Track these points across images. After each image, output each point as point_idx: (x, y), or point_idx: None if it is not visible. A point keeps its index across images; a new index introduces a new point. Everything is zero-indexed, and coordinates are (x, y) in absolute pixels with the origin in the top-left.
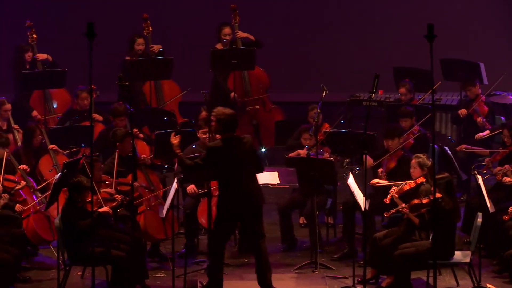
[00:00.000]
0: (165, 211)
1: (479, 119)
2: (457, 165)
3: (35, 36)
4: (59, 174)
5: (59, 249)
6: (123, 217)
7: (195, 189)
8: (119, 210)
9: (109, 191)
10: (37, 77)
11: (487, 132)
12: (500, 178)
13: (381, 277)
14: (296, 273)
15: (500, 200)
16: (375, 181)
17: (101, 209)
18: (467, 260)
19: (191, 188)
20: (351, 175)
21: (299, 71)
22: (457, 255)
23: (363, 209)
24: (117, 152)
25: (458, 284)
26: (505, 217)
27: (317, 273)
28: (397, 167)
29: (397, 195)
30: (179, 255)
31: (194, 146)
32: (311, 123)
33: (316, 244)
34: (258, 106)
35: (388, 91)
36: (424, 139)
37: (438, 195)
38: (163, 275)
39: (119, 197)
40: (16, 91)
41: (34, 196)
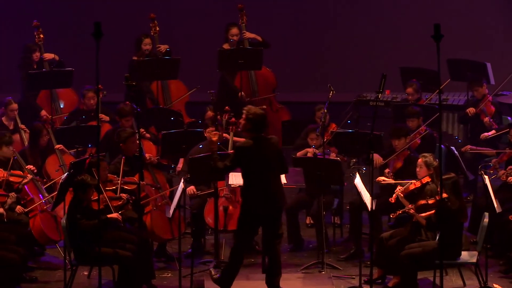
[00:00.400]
0: (171, 211)
1: (486, 119)
2: (464, 165)
3: (42, 36)
4: (66, 173)
5: (65, 249)
6: (130, 219)
7: (194, 190)
8: (124, 210)
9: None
10: (44, 77)
11: (492, 132)
12: (504, 178)
13: (388, 277)
14: (303, 273)
15: (507, 200)
16: (381, 178)
17: (111, 215)
18: (474, 260)
19: (190, 189)
20: (358, 175)
21: (306, 71)
22: (464, 255)
23: (369, 209)
24: (123, 156)
25: (464, 284)
26: None
27: (323, 273)
28: (403, 167)
29: (402, 195)
30: (185, 255)
31: (201, 146)
32: (318, 123)
33: (322, 244)
34: (265, 106)
35: (395, 91)
36: (431, 139)
37: (444, 195)
38: (170, 275)
39: (125, 196)
40: (23, 91)
41: (40, 195)
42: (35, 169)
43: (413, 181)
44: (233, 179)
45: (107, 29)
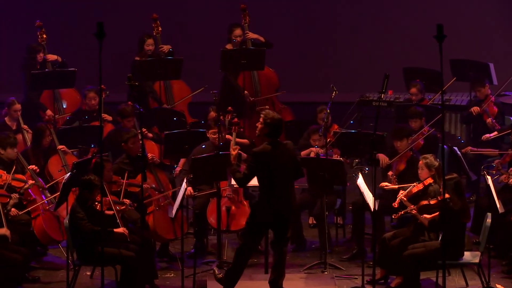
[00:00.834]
0: (174, 211)
1: (489, 120)
2: (467, 166)
3: (44, 36)
4: (69, 174)
5: (68, 249)
6: (132, 219)
7: (191, 191)
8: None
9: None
10: (47, 77)
11: (494, 133)
12: (506, 180)
13: (390, 277)
14: (305, 273)
15: (509, 200)
16: (384, 184)
17: (117, 230)
18: (477, 260)
19: (188, 190)
20: (360, 176)
21: (308, 71)
22: (467, 256)
23: (372, 209)
24: (127, 156)
25: (467, 284)
26: None
27: (326, 273)
28: (406, 169)
29: (405, 198)
30: (188, 255)
31: (203, 146)
32: (320, 124)
33: (325, 244)
34: (267, 106)
35: (397, 91)
36: (433, 140)
37: (446, 195)
38: (172, 275)
39: (128, 201)
40: (26, 91)
41: (43, 196)
42: (38, 169)
43: (415, 183)
44: None
45: (109, 30)
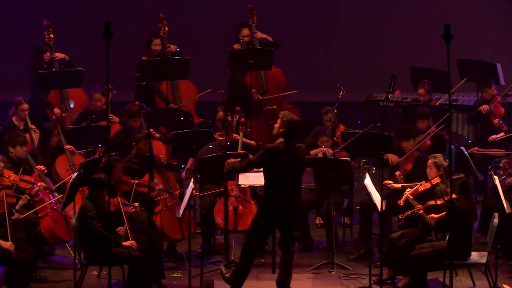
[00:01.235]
0: (181, 211)
1: (496, 120)
2: (474, 166)
3: (52, 36)
4: (76, 173)
5: (75, 249)
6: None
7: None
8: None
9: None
10: (54, 77)
11: (501, 134)
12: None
13: (398, 277)
14: (312, 273)
15: None
16: (388, 182)
17: (126, 243)
18: (484, 260)
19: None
20: (367, 176)
21: (315, 71)
22: (474, 256)
23: (379, 209)
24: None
25: (474, 284)
26: None
27: (333, 273)
28: (414, 169)
29: (412, 197)
30: (195, 255)
31: (211, 146)
32: (326, 126)
33: (332, 244)
34: (275, 106)
35: (405, 91)
36: (441, 140)
37: (453, 195)
38: (180, 275)
39: (137, 205)
40: (33, 91)
41: (51, 195)
42: (45, 169)
43: (422, 182)
44: (243, 179)
45: (117, 29)
